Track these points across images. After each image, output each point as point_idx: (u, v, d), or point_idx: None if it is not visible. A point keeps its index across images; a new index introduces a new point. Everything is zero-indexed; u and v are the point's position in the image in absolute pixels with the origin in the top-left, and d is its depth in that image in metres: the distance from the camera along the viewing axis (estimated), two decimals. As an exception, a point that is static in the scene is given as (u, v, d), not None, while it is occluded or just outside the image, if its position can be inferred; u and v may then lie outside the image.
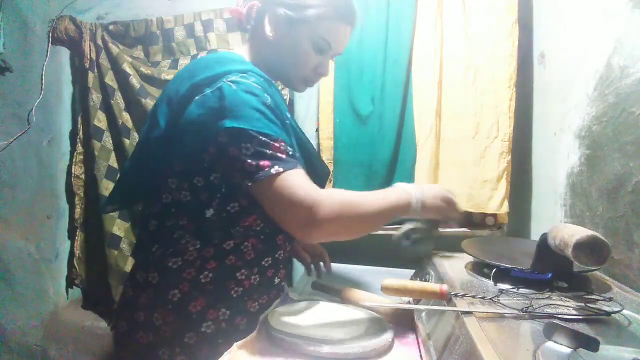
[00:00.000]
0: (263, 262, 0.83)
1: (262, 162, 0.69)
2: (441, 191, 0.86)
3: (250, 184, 0.70)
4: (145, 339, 0.77)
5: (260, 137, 0.70)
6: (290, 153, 0.72)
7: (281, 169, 0.69)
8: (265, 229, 0.81)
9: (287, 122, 0.79)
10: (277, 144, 0.71)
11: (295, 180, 0.70)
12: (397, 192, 0.81)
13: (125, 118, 1.73)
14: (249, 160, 0.70)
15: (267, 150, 0.70)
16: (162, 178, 0.79)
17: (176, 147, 0.76)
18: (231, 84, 0.72)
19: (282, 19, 0.81)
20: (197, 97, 0.74)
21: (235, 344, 0.69)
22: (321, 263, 1.11)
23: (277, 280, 0.87)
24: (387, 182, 1.48)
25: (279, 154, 0.70)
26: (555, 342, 0.50)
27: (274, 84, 0.82)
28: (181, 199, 0.77)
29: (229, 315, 0.79)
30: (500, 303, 0.64)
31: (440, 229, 1.48)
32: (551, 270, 0.74)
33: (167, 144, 0.77)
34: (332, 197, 0.73)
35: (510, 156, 1.38)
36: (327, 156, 1.53)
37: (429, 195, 0.82)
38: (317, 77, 0.88)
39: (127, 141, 1.72)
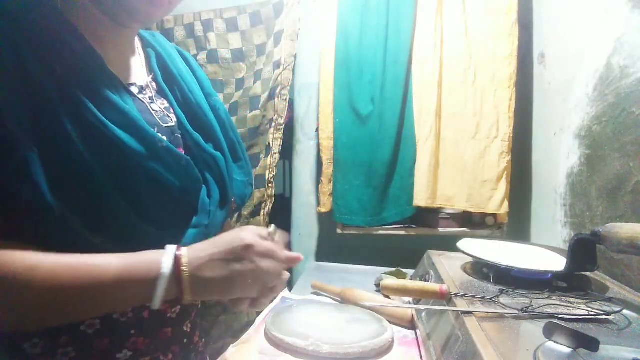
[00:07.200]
0: None
1: None
2: (234, 242, 0.51)
3: None
4: None
5: None
6: None
7: None
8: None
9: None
10: None
11: None
12: (133, 259, 0.49)
13: (125, 118, 1.73)
14: None
15: None
16: None
17: None
18: None
19: None
20: None
21: (231, 345, 0.69)
22: None
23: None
24: (387, 182, 1.48)
25: None
26: (555, 342, 0.50)
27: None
28: None
29: None
30: (500, 303, 0.64)
31: (441, 229, 1.49)
32: (584, 269, 0.73)
33: None
34: None
35: (510, 156, 1.38)
36: (327, 156, 1.53)
37: (201, 259, 0.50)
38: None
39: (127, 141, 1.72)
